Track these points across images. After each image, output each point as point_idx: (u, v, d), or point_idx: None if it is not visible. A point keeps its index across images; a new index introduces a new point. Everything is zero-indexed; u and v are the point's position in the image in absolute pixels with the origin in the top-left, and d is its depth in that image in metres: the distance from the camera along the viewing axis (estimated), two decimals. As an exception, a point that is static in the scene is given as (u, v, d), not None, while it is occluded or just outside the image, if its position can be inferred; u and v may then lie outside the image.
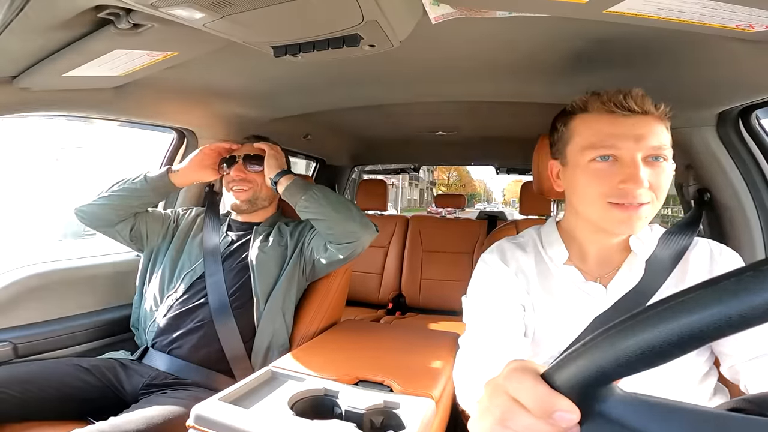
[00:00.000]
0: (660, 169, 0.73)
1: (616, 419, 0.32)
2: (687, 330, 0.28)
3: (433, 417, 0.83)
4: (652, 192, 0.72)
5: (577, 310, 0.81)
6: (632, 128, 0.72)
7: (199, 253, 1.34)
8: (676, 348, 0.29)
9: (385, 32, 0.78)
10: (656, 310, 0.30)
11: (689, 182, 1.35)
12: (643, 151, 0.72)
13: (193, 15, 0.70)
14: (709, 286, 0.28)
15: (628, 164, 0.71)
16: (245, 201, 1.38)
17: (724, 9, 0.64)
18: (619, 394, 0.33)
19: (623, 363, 0.30)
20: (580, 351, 0.33)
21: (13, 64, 0.95)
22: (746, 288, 0.27)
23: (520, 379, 0.36)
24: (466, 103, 1.63)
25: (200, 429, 0.74)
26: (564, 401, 0.33)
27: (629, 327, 0.31)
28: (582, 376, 0.32)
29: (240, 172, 1.37)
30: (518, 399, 0.35)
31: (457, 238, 2.74)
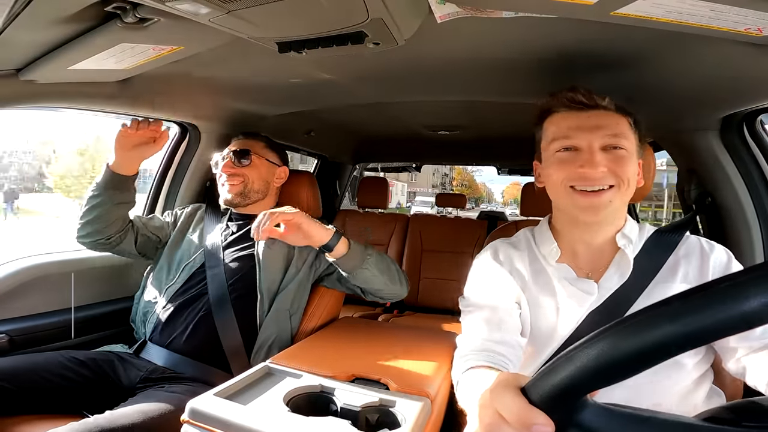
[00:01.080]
0: (618, 156, 0.79)
1: (591, 429, 0.34)
2: (641, 347, 0.30)
3: (429, 416, 0.83)
4: (614, 177, 0.78)
5: (572, 306, 0.83)
6: (587, 120, 0.81)
7: (198, 245, 1.34)
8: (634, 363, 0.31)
9: (390, 30, 0.78)
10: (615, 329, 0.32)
11: (691, 186, 1.35)
12: (598, 140, 0.79)
13: (198, 10, 0.70)
14: (661, 306, 0.30)
15: (586, 151, 0.79)
16: (237, 194, 1.38)
17: (733, 12, 0.64)
18: (591, 405, 0.35)
19: (588, 378, 0.32)
20: (553, 366, 0.35)
21: (18, 56, 0.95)
22: (693, 307, 0.29)
23: (502, 394, 0.39)
24: (470, 102, 1.63)
25: (195, 423, 0.74)
26: (539, 416, 0.36)
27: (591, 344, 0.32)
28: (555, 390, 0.35)
29: (229, 167, 1.38)
30: (501, 412, 0.39)
31: (457, 237, 2.74)
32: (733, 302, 0.27)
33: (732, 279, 0.28)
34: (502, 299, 0.85)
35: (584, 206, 0.79)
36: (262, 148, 1.44)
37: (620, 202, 0.81)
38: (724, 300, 0.28)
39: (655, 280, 0.81)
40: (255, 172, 1.40)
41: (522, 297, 0.86)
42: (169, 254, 1.36)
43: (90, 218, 1.27)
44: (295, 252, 1.32)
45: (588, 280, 0.84)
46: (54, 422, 0.96)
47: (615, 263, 0.84)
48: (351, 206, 3.65)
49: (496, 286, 0.87)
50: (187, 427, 0.75)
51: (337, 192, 3.19)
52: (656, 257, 0.83)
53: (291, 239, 1.13)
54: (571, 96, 0.83)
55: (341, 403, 0.82)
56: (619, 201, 0.80)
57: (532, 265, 0.89)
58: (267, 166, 1.43)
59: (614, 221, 0.85)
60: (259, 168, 1.41)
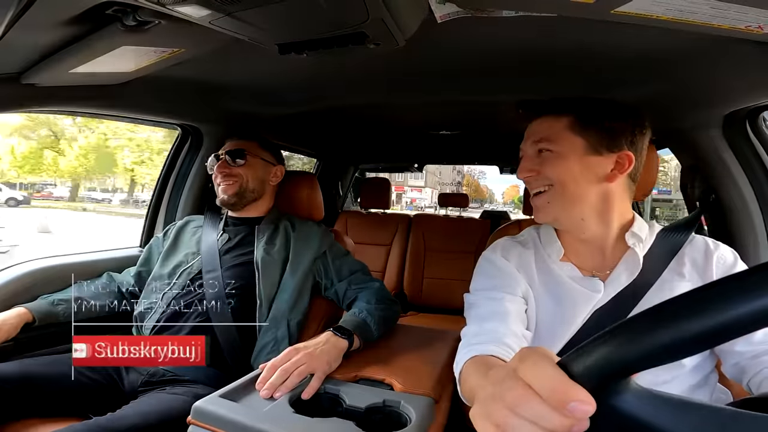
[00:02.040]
0: (544, 159, 0.84)
1: (629, 414, 0.32)
2: (712, 325, 0.28)
3: (433, 415, 0.83)
4: (543, 178, 0.83)
5: (578, 305, 0.83)
6: (529, 129, 0.88)
7: (196, 252, 1.34)
8: (697, 343, 0.29)
9: (390, 31, 0.78)
10: (679, 305, 0.30)
11: (695, 183, 1.34)
12: (529, 148, 0.86)
13: (199, 12, 0.70)
14: (731, 281, 0.29)
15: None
16: (233, 195, 1.37)
17: (734, 10, 0.64)
18: (635, 388, 0.32)
19: (645, 355, 0.30)
20: (601, 341, 0.32)
21: (20, 60, 0.95)
22: (748, 292, 0.27)
23: (537, 365, 0.34)
24: (471, 102, 1.63)
25: (200, 425, 0.75)
26: (582, 391, 0.31)
27: (653, 320, 0.30)
28: (601, 366, 0.32)
29: (223, 168, 1.37)
30: (533, 385, 0.34)
31: (459, 237, 2.74)
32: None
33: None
34: (510, 292, 0.85)
35: (533, 208, 0.87)
36: (256, 147, 1.44)
37: (560, 203, 0.83)
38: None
39: (661, 279, 0.81)
40: (250, 172, 1.39)
41: (529, 293, 0.86)
42: (165, 262, 1.35)
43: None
44: (292, 258, 1.32)
45: (594, 279, 0.84)
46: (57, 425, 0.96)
47: (624, 262, 0.83)
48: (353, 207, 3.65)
49: (503, 280, 0.87)
50: (193, 427, 0.75)
51: (339, 193, 3.19)
52: (663, 256, 0.83)
53: None
54: (521, 107, 0.90)
55: (346, 404, 0.82)
56: (558, 202, 0.83)
57: (538, 263, 0.89)
58: (262, 165, 1.43)
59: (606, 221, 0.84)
60: (255, 167, 1.40)
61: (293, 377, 0.86)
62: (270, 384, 0.84)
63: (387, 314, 1.22)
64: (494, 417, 0.35)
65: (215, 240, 1.35)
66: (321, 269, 1.34)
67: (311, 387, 0.86)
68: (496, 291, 0.86)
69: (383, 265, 2.79)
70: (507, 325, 0.80)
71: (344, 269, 1.35)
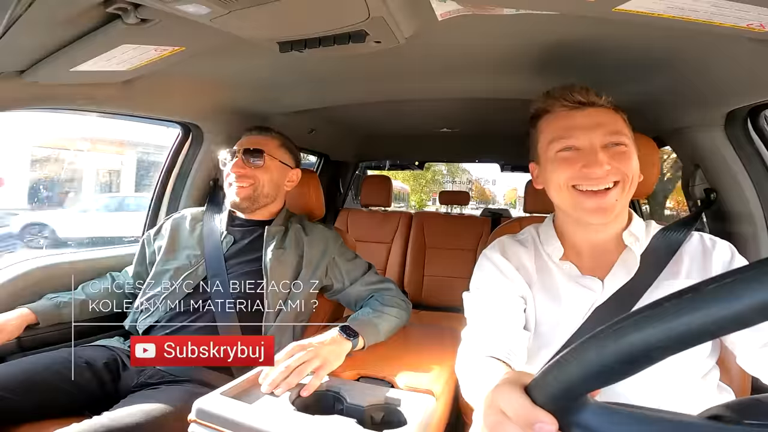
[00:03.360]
0: (620, 153, 0.79)
1: (590, 429, 0.34)
2: (637, 348, 0.30)
3: (434, 413, 0.83)
4: (618, 174, 0.77)
5: (576, 304, 0.83)
6: (586, 118, 0.80)
7: (200, 255, 1.26)
8: (629, 365, 0.31)
9: (390, 29, 0.78)
10: (612, 329, 0.31)
11: (696, 182, 1.34)
12: (599, 138, 0.79)
13: (199, 10, 0.70)
14: (653, 308, 0.30)
15: (588, 150, 0.78)
16: (246, 198, 1.28)
17: (735, 8, 0.64)
18: (592, 405, 0.35)
19: (586, 378, 0.33)
20: (554, 366, 0.35)
21: (21, 58, 0.95)
22: (683, 309, 0.28)
23: (506, 393, 0.40)
24: (472, 99, 1.63)
25: (202, 423, 0.75)
26: (542, 414, 0.36)
27: (590, 344, 0.32)
28: (556, 390, 0.35)
29: (239, 167, 1.27)
30: (504, 411, 0.39)
31: (460, 234, 2.74)
32: (724, 303, 0.27)
33: (719, 280, 0.28)
34: (508, 293, 0.85)
35: (591, 208, 0.78)
36: (276, 147, 1.34)
37: (625, 200, 0.80)
38: (715, 301, 0.27)
39: (660, 278, 0.80)
40: (267, 175, 1.30)
41: (528, 293, 0.86)
42: (165, 262, 1.28)
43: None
44: (305, 266, 1.26)
45: (592, 278, 0.84)
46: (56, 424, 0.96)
47: (621, 261, 0.83)
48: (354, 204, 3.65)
49: (502, 279, 0.87)
50: (195, 426, 0.75)
51: (340, 190, 3.19)
52: (661, 255, 0.83)
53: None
54: (567, 95, 0.82)
55: (347, 402, 0.82)
56: (624, 198, 0.79)
57: (537, 262, 0.89)
58: (279, 168, 1.34)
59: (619, 219, 0.84)
60: (272, 170, 1.31)
61: (294, 375, 0.85)
62: (272, 380, 0.84)
63: (397, 316, 1.20)
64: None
65: (219, 241, 1.29)
66: (332, 274, 1.30)
67: (311, 385, 0.86)
68: (496, 291, 0.86)
69: (384, 263, 2.80)
70: (506, 327, 0.81)
71: (355, 272, 1.31)
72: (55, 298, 1.21)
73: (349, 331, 1.03)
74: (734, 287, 0.27)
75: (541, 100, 0.87)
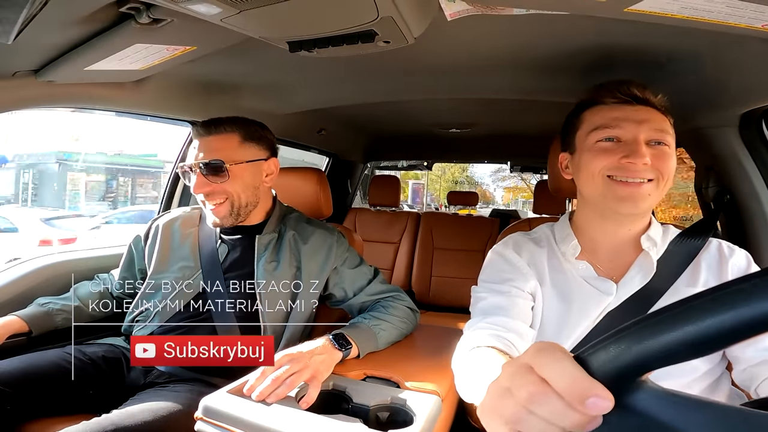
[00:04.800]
0: (662, 152, 0.78)
1: (644, 412, 0.31)
2: (737, 320, 0.27)
3: (439, 413, 0.83)
4: (655, 171, 0.76)
5: (588, 306, 0.81)
6: (635, 113, 0.79)
7: (195, 265, 1.17)
8: (724, 338, 0.28)
9: (400, 29, 0.78)
10: (705, 299, 0.29)
11: (709, 183, 1.32)
12: (644, 133, 0.77)
13: (210, 10, 0.71)
14: (755, 277, 0.27)
15: (631, 142, 0.77)
16: (226, 216, 1.14)
17: (751, 9, 0.63)
18: (650, 386, 0.31)
19: (665, 352, 0.29)
20: (619, 337, 0.31)
21: (36, 57, 0.97)
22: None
23: (555, 360, 0.33)
24: (481, 100, 1.62)
25: (209, 421, 0.75)
26: (601, 387, 0.31)
27: (677, 314, 0.29)
28: (620, 363, 0.31)
29: (203, 186, 1.11)
30: (549, 380, 0.32)
31: (468, 235, 2.73)
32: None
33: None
34: (517, 288, 0.84)
35: (624, 196, 0.77)
36: (237, 146, 1.14)
37: (656, 198, 0.79)
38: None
39: (676, 285, 0.79)
40: (238, 184, 1.13)
41: (538, 290, 0.85)
42: (158, 272, 1.19)
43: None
44: (304, 281, 1.16)
45: (607, 280, 0.82)
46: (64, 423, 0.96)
47: (637, 265, 0.82)
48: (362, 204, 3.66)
49: (512, 274, 0.85)
50: (201, 424, 0.76)
51: (348, 190, 3.20)
52: (678, 261, 0.81)
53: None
54: (623, 88, 0.81)
55: (352, 402, 0.83)
56: (656, 196, 0.78)
57: (550, 261, 0.87)
58: (250, 169, 1.15)
59: (644, 218, 0.83)
60: (242, 176, 1.13)
61: (284, 387, 0.81)
62: (261, 392, 0.80)
63: (401, 325, 1.15)
64: (506, 413, 0.34)
65: (215, 250, 1.18)
66: (334, 284, 1.20)
67: (309, 397, 0.82)
68: (505, 285, 0.84)
69: (392, 263, 2.80)
70: (511, 321, 0.79)
71: (360, 281, 1.21)
72: (46, 304, 1.16)
73: (341, 341, 0.98)
74: None
75: (592, 91, 0.85)
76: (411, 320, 1.20)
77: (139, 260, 1.26)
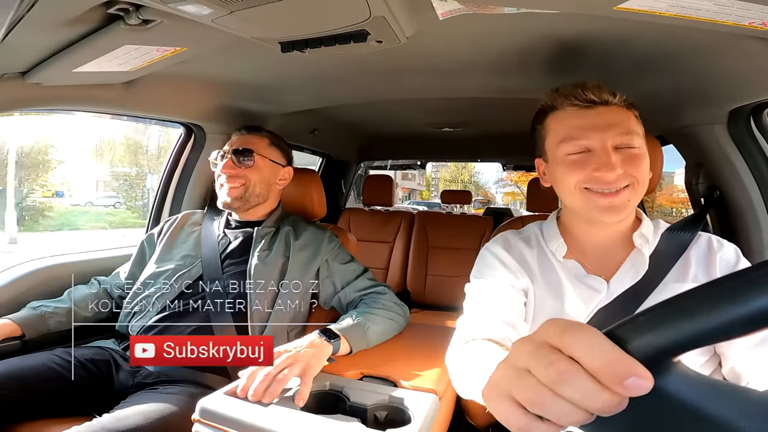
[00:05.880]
0: (632, 155, 0.77)
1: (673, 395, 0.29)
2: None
3: (437, 412, 0.83)
4: (629, 176, 0.76)
5: (579, 304, 0.82)
6: (597, 118, 0.77)
7: (195, 255, 1.26)
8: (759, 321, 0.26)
9: (392, 28, 0.78)
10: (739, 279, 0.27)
11: (699, 180, 1.34)
12: (611, 139, 0.76)
13: (201, 11, 0.71)
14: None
15: (600, 153, 0.76)
16: (237, 198, 1.28)
17: (737, 6, 0.64)
18: (682, 369, 0.30)
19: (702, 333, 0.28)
20: (658, 316, 0.29)
21: (23, 59, 0.96)
22: None
23: (587, 338, 0.30)
24: (473, 99, 1.63)
25: (206, 422, 0.75)
26: (640, 368, 0.28)
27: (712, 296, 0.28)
28: (659, 342, 0.29)
29: (229, 168, 1.28)
30: (581, 358, 0.30)
31: (463, 234, 2.73)
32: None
33: None
34: (510, 284, 0.84)
35: (604, 206, 0.76)
36: (266, 146, 1.35)
37: (636, 200, 0.79)
38: None
39: (666, 280, 0.79)
40: (257, 175, 1.30)
41: (530, 288, 0.85)
42: (161, 262, 1.27)
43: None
44: (290, 268, 1.23)
45: (597, 278, 0.82)
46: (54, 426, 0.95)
47: (629, 262, 0.82)
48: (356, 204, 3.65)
49: (504, 270, 0.86)
50: (198, 426, 0.76)
51: (342, 190, 3.20)
52: (669, 256, 0.82)
53: None
54: (578, 92, 0.79)
55: (350, 401, 0.83)
56: (635, 199, 0.78)
57: (540, 260, 0.88)
58: (270, 167, 1.34)
59: (628, 218, 0.83)
60: (262, 169, 1.31)
61: (277, 383, 0.81)
62: (255, 391, 0.79)
63: (389, 320, 1.17)
64: (525, 395, 0.31)
65: (216, 243, 1.28)
66: (323, 277, 1.27)
67: (302, 393, 0.82)
68: (496, 281, 0.85)
69: (386, 263, 2.80)
70: (504, 316, 0.79)
71: (348, 276, 1.28)
72: (39, 307, 1.17)
73: (329, 334, 1.00)
74: None
75: (549, 96, 0.84)
76: (399, 313, 1.22)
77: (149, 254, 1.33)
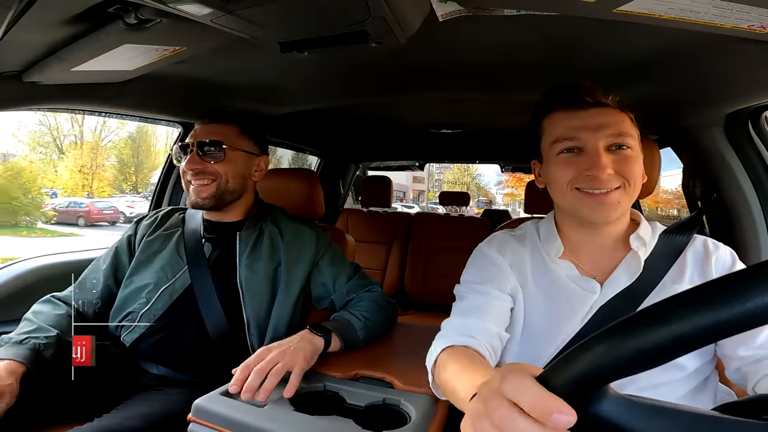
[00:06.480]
0: (624, 156, 0.77)
1: (609, 420, 0.33)
2: (678, 335, 0.29)
3: (433, 414, 0.83)
4: (621, 178, 0.76)
5: (572, 305, 0.81)
6: (590, 119, 0.78)
7: (176, 263, 1.16)
8: (668, 352, 0.30)
9: (392, 29, 0.78)
10: (650, 314, 0.31)
11: (696, 182, 1.34)
12: (603, 139, 0.77)
13: (200, 10, 0.70)
14: (699, 292, 0.29)
15: (591, 153, 0.77)
16: (209, 197, 1.14)
17: (737, 9, 0.64)
18: (612, 395, 0.34)
19: (617, 365, 0.31)
20: (575, 354, 0.34)
21: (22, 58, 0.96)
22: (737, 293, 0.27)
23: (518, 382, 0.36)
24: (472, 100, 1.63)
25: (201, 422, 0.75)
26: (561, 403, 0.33)
27: (624, 330, 0.31)
28: (577, 378, 0.33)
29: (195, 163, 1.12)
30: (517, 402, 0.35)
31: (460, 235, 2.74)
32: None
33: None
34: (498, 288, 0.84)
35: (593, 207, 0.77)
36: (236, 135, 1.19)
37: (627, 203, 0.79)
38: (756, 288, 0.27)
39: (663, 283, 0.79)
40: (230, 168, 1.16)
41: (518, 291, 0.85)
42: (138, 279, 1.16)
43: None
44: (284, 274, 1.17)
45: (590, 279, 0.82)
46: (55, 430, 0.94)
47: (625, 264, 0.82)
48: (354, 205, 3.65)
49: (494, 274, 0.86)
50: (194, 425, 0.75)
51: (340, 191, 3.20)
52: (665, 259, 0.82)
53: None
54: (572, 94, 0.80)
55: (346, 402, 0.83)
56: (626, 201, 0.78)
57: (534, 260, 0.87)
58: (244, 158, 1.19)
59: (621, 221, 0.84)
60: (235, 162, 1.17)
61: (271, 377, 0.81)
62: (248, 386, 0.79)
63: (379, 317, 1.15)
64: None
65: (201, 247, 1.17)
66: (315, 279, 1.22)
67: (291, 385, 0.82)
68: (485, 285, 0.85)
69: (384, 264, 2.80)
70: (486, 322, 0.79)
71: (341, 276, 1.23)
72: (26, 341, 0.99)
73: (319, 329, 0.98)
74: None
75: (545, 98, 0.85)
76: (387, 310, 1.20)
77: (124, 263, 1.22)
